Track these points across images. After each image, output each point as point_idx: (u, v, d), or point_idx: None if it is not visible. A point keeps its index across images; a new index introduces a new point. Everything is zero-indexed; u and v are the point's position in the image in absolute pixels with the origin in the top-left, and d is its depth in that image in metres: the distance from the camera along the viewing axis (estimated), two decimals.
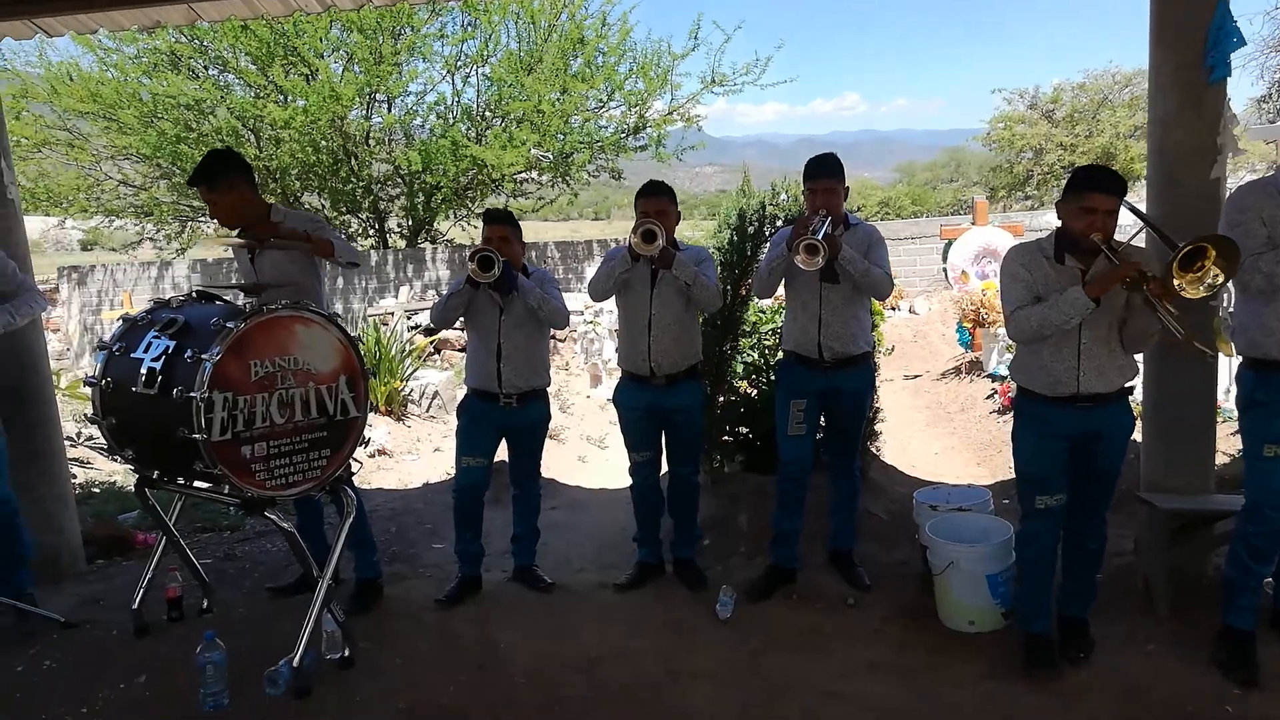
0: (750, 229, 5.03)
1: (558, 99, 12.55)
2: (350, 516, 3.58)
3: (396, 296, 12.23)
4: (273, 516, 3.29)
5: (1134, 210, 3.43)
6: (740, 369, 5.17)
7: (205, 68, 12.93)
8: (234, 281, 4.13)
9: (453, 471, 7.23)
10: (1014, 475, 5.80)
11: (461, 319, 4.26)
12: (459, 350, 12.60)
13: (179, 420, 3.12)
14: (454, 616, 4.10)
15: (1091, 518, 3.43)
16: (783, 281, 4.12)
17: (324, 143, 12.74)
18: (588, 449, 8.56)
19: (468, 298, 4.15)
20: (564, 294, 4.40)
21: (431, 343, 12.14)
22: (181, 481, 3.50)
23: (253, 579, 4.54)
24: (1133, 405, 3.42)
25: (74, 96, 12.82)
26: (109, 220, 15.33)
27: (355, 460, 3.65)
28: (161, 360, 3.22)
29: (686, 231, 15.31)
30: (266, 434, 3.30)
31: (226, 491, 3.28)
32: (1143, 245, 3.37)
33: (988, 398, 8.00)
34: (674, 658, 3.75)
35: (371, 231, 15.04)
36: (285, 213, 4.02)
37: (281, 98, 12.45)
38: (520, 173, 13.30)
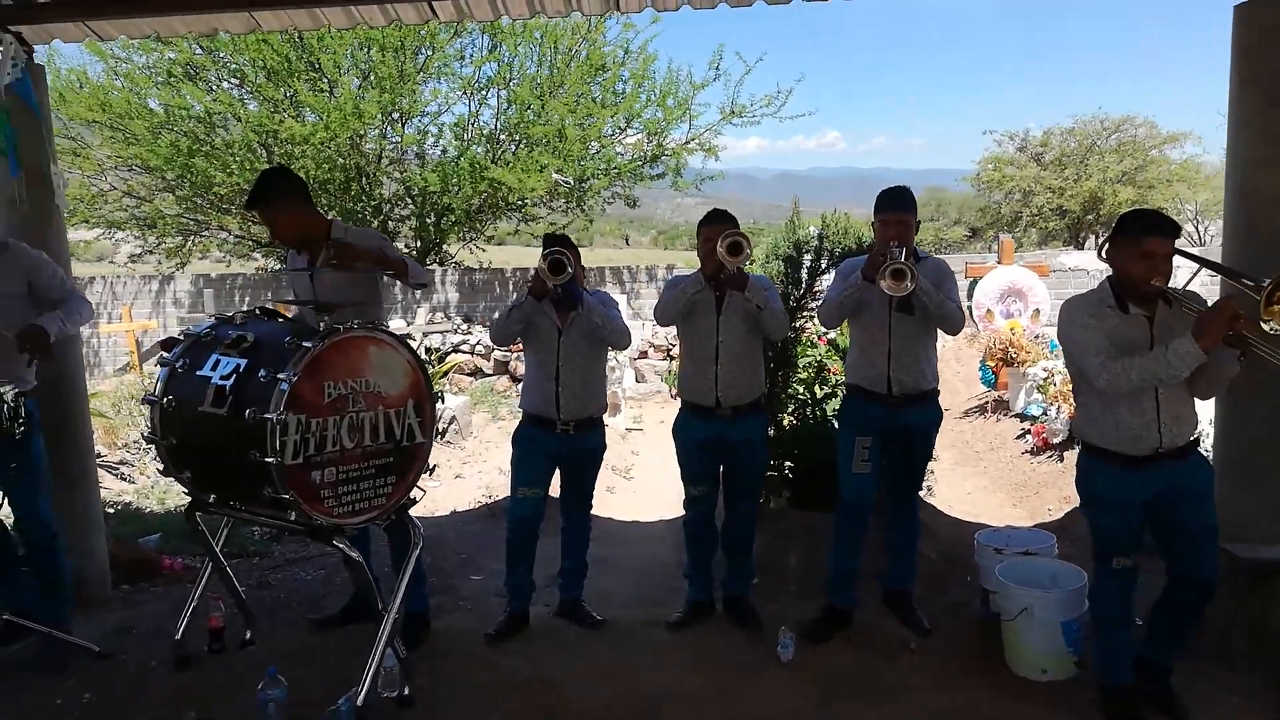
0: (806, 260, 4.95)
1: (582, 124, 12.53)
2: (418, 547, 3.44)
3: (406, 319, 12.10)
4: (341, 545, 3.15)
5: (1184, 254, 3.35)
6: (791, 403, 5.07)
7: (220, 80, 12.82)
8: (292, 297, 4.01)
9: (482, 499, 7.14)
10: (1054, 519, 5.72)
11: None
12: (468, 375, 12.47)
13: (250, 442, 2.98)
14: (505, 652, 3.95)
15: (1197, 577, 3.32)
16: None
17: (340, 160, 12.63)
18: (615, 480, 8.42)
19: (529, 311, 4.03)
20: None
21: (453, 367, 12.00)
22: (240, 506, 3.36)
23: (290, 609, 4.37)
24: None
25: (82, 105, 12.68)
26: (110, 232, 15.12)
27: (419, 488, 3.52)
28: (232, 379, 3.09)
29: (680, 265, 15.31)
30: (337, 459, 3.17)
31: (293, 519, 3.12)
32: (1194, 289, 3.29)
33: (1018, 437, 7.93)
34: (740, 702, 3.61)
35: None
36: (347, 229, 3.91)
37: (299, 113, 12.35)
38: (541, 197, 13.22)
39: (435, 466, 3.50)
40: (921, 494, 5.49)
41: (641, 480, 8.10)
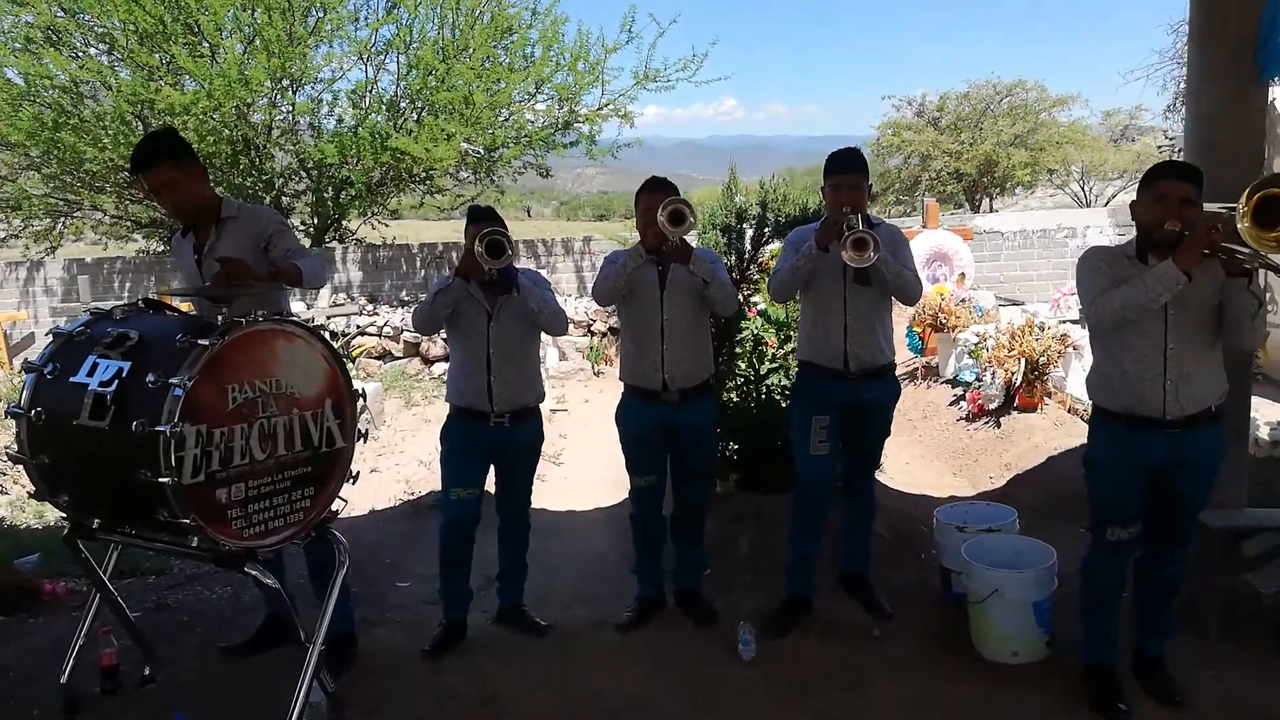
0: (746, 229, 4.67)
1: (490, 90, 11.91)
2: (343, 568, 3.04)
3: (305, 301, 11.38)
4: (254, 572, 2.73)
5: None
6: (733, 381, 4.81)
7: (85, 46, 11.71)
8: (175, 286, 3.52)
9: (404, 496, 6.69)
10: (996, 487, 5.62)
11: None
12: (375, 359, 11.86)
13: (139, 460, 2.54)
14: (445, 669, 3.61)
15: (1174, 548, 3.20)
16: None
17: (226, 132, 11.71)
18: (544, 466, 8.06)
19: (457, 296, 3.65)
20: None
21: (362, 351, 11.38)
22: (131, 532, 2.89)
23: (195, 634, 3.90)
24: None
25: None
26: None
27: (340, 498, 3.11)
28: (114, 385, 2.62)
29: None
30: (245, 473, 2.74)
31: (196, 544, 2.69)
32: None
33: (951, 404, 7.88)
34: (704, 706, 3.38)
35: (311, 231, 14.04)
36: (239, 206, 3.43)
37: (178, 80, 11.37)
38: (449, 168, 12.58)
39: (358, 473, 3.10)
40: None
41: (572, 466, 7.75)
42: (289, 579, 3.64)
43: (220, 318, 2.73)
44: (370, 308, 12.63)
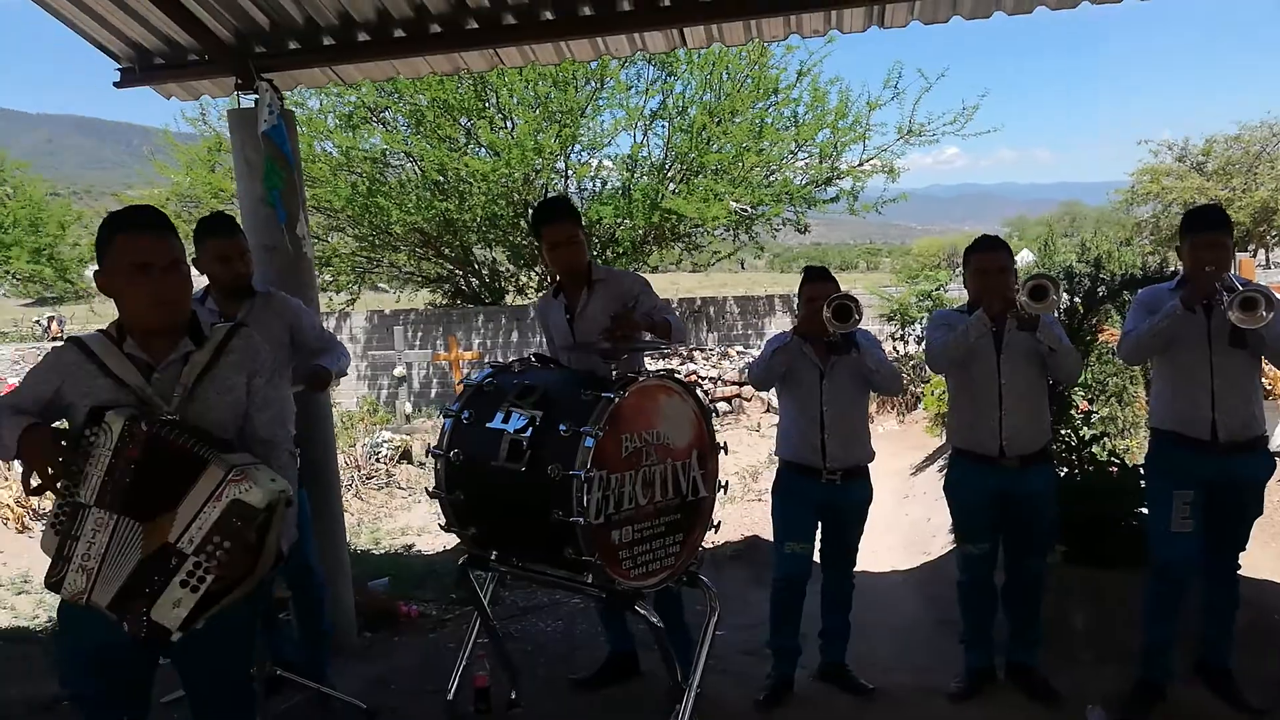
0: (1083, 287, 4.48)
1: (762, 150, 12.28)
2: (715, 613, 3.17)
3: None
4: (643, 611, 2.91)
5: None
6: (1062, 447, 4.59)
7: (394, 120, 13.22)
8: (548, 343, 3.85)
9: (716, 542, 6.88)
10: None
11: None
12: None
13: (553, 500, 2.79)
14: None
15: None
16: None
17: (515, 196, 12.80)
18: None
19: (794, 354, 3.75)
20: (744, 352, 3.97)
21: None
22: (519, 563, 3.18)
23: (543, 664, 4.18)
24: None
25: None
26: None
27: (702, 545, 3.26)
28: (528, 433, 2.91)
29: (889, 286, 14.62)
30: (632, 516, 2.95)
31: (590, 581, 2.91)
32: None
33: None
34: None
35: (545, 285, 15.04)
36: (607, 270, 3.73)
37: (474, 150, 12.59)
38: (722, 226, 13.05)
39: (719, 522, 3.23)
40: None
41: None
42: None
43: (615, 374, 2.97)
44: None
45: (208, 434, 2.12)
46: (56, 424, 2.21)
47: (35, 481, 2.10)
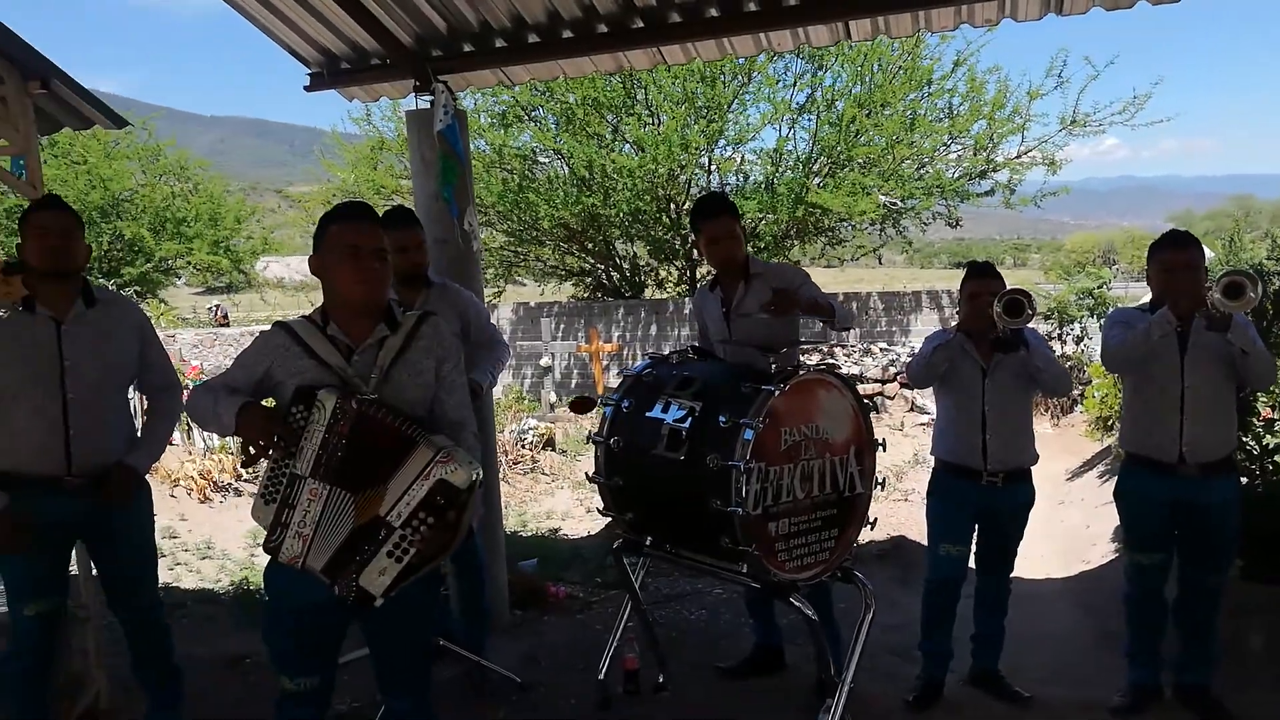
0: (1272, 286, 4.18)
1: (914, 142, 12.00)
2: (870, 609, 3.16)
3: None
4: (798, 603, 2.93)
5: None
6: (1250, 456, 4.31)
7: (545, 118, 13.58)
8: (702, 335, 3.91)
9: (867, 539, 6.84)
10: None
11: None
12: None
13: (711, 490, 2.85)
14: None
15: None
16: None
17: (659, 191, 12.96)
18: None
19: (956, 352, 3.67)
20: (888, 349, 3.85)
21: None
22: (672, 550, 3.25)
23: (688, 651, 4.25)
24: None
25: None
26: None
27: (857, 543, 3.25)
28: (687, 423, 2.97)
29: (1042, 283, 13.94)
30: (789, 510, 2.97)
31: (745, 571, 2.96)
32: None
33: None
34: None
35: (685, 279, 15.19)
36: (764, 264, 3.75)
37: (620, 146, 12.81)
38: (872, 221, 12.84)
39: (875, 520, 3.21)
40: None
41: None
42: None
43: (775, 367, 3.00)
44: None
45: (408, 413, 2.28)
46: (264, 401, 2.43)
47: (251, 451, 2.32)
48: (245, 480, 8.52)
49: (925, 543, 5.64)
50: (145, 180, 20.68)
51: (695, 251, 7.26)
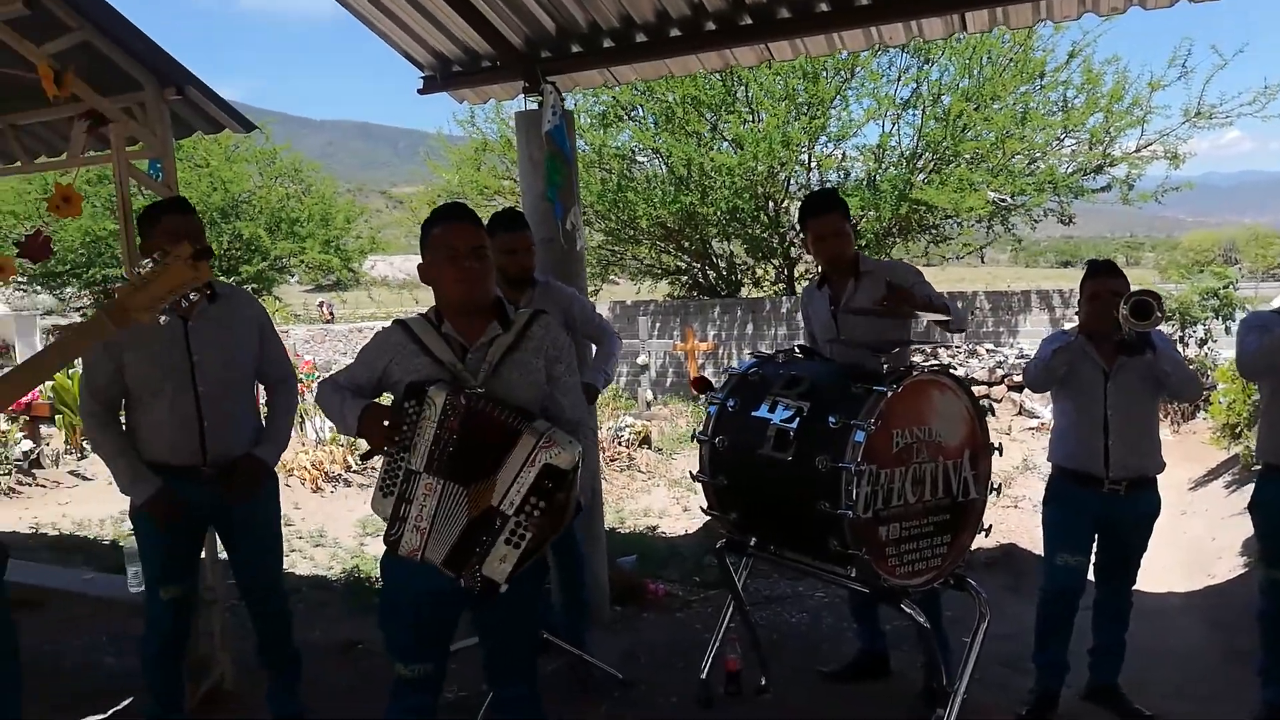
0: None
1: (1025, 137, 11.58)
2: (986, 619, 3.07)
3: None
4: (909, 610, 2.87)
5: None
6: None
7: (644, 117, 13.62)
8: (808, 335, 3.86)
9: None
10: None
11: None
12: None
13: (820, 492, 2.81)
14: None
15: None
16: None
17: (758, 189, 12.85)
18: None
19: (1076, 354, 3.52)
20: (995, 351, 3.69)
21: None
22: (775, 551, 3.22)
23: (789, 654, 4.21)
24: None
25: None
26: None
27: (967, 549, 3.16)
28: (795, 423, 2.94)
29: (1160, 283, 13.26)
30: (900, 514, 2.91)
31: (853, 575, 2.91)
32: None
33: None
34: None
35: (782, 278, 15.03)
36: (875, 261, 3.68)
37: (723, 144, 12.75)
38: (979, 218, 12.45)
39: (990, 526, 3.11)
40: None
41: None
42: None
43: (887, 367, 2.94)
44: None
45: (516, 406, 2.32)
46: (383, 397, 2.51)
47: (367, 447, 2.40)
48: (354, 471, 8.81)
49: (1037, 551, 5.46)
50: (262, 182, 21.62)
51: (805, 249, 7.15)
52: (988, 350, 12.30)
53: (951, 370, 3.10)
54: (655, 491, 8.60)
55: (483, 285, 2.42)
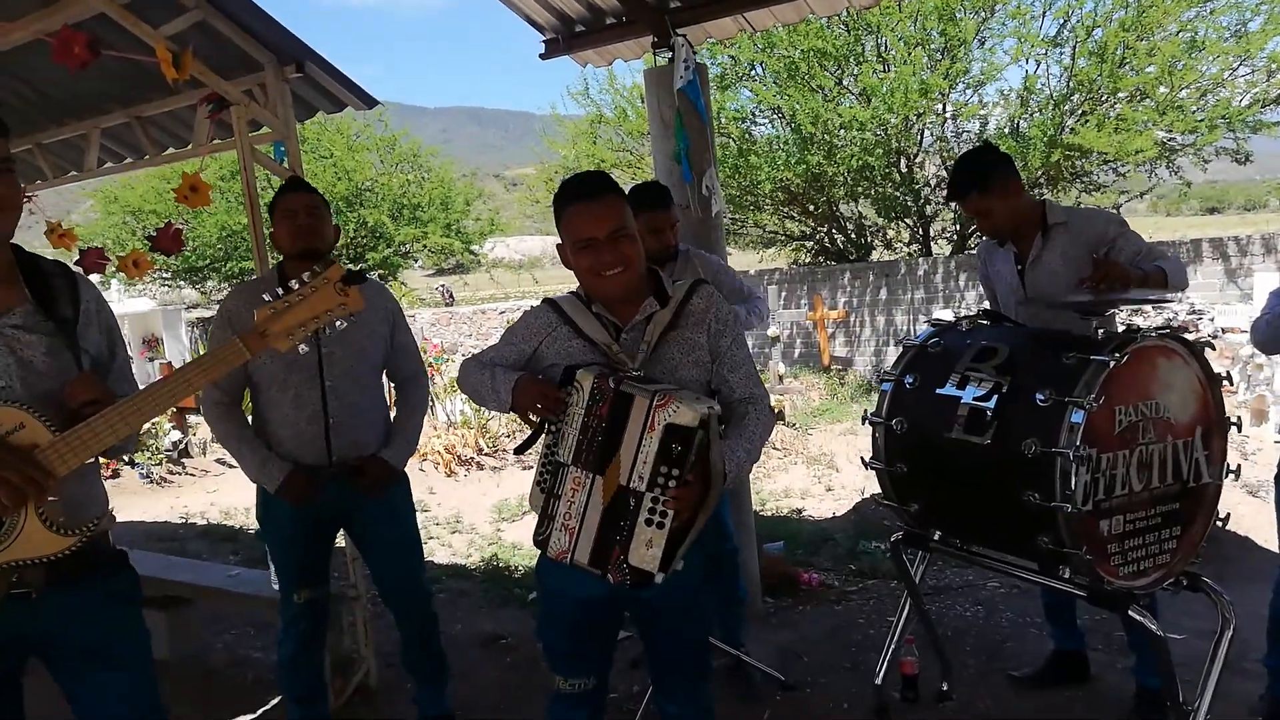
0: None
1: (1195, 68, 10.42)
2: (1231, 625, 2.60)
3: (955, 307, 11.22)
4: (1140, 618, 2.43)
5: None
6: None
7: (765, 76, 13.03)
8: (990, 298, 3.42)
9: None
10: None
11: None
12: None
13: (1027, 481, 2.40)
14: None
15: None
16: None
17: (891, 144, 12.09)
18: None
19: None
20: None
21: None
22: (962, 546, 2.82)
23: (968, 654, 3.80)
24: None
25: (640, 118, 13.79)
26: None
27: (1201, 543, 2.68)
28: (992, 401, 2.53)
29: None
30: (1124, 505, 2.47)
31: (1067, 577, 2.49)
32: None
33: None
34: None
35: (916, 238, 14.24)
36: (1068, 211, 3.17)
37: (852, 97, 12.03)
38: (1141, 162, 11.34)
39: (1228, 515, 2.62)
40: None
41: None
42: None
43: (1103, 333, 2.49)
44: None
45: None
46: None
47: (531, 420, 2.14)
48: (485, 454, 8.77)
49: (1244, 534, 4.84)
50: (383, 170, 22.07)
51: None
52: (1153, 307, 11.20)
53: (1183, 331, 2.61)
54: (793, 470, 8.20)
55: (629, 274, 2.09)
